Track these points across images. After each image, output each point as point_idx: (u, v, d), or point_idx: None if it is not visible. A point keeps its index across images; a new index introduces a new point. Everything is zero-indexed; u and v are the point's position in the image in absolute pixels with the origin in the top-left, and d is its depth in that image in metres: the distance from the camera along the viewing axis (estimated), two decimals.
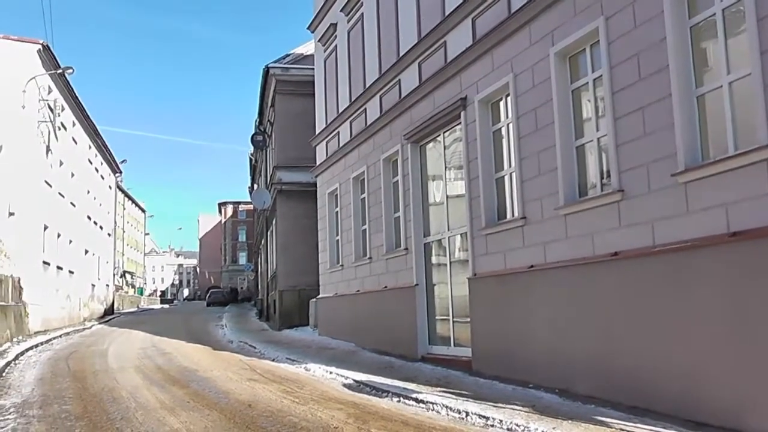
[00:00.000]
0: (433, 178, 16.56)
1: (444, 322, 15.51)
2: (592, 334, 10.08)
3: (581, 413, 8.69)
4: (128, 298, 78.86)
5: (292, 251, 30.75)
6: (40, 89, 32.07)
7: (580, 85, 10.97)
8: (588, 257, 10.23)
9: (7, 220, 26.50)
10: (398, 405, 10.62)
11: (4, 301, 23.09)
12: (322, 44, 24.50)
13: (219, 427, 9.39)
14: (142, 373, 15.95)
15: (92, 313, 45.14)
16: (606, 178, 10.26)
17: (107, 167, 53.58)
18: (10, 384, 14.65)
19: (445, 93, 15.05)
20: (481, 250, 13.37)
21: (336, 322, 22.46)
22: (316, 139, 24.98)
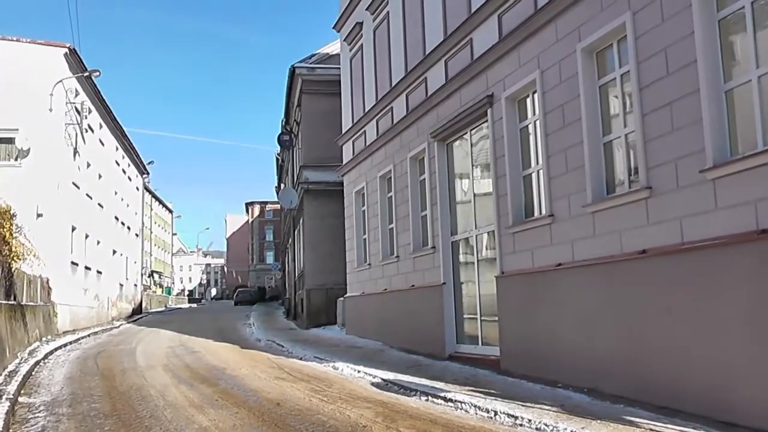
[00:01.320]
0: (460, 176, 16.51)
1: (472, 320, 15.45)
2: (620, 333, 9.99)
3: (610, 413, 8.62)
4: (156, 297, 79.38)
5: (319, 250, 30.81)
6: (67, 92, 32.36)
7: (607, 80, 10.87)
8: (616, 255, 10.14)
9: (36, 221, 26.72)
10: (426, 404, 10.59)
11: (33, 302, 23.29)
12: (348, 43, 24.51)
13: (247, 425, 9.41)
14: (170, 371, 16.03)
15: (120, 312, 45.51)
16: (634, 175, 10.16)
17: (134, 168, 53.92)
18: (39, 383, 14.75)
19: (472, 90, 14.99)
20: (509, 248, 13.31)
21: (363, 321, 22.47)
22: (343, 138, 25.00)
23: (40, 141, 30.26)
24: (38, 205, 28.56)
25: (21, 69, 30.45)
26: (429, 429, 8.66)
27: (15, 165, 29.89)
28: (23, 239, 21.04)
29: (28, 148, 29.99)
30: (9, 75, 30.43)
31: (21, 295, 20.83)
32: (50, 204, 29.87)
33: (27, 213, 23.55)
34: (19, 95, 29.94)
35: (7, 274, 18.32)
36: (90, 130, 36.50)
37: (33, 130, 30.21)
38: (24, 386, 13.64)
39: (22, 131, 30.15)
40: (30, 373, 15.50)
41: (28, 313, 21.36)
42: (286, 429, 9.03)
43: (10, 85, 30.09)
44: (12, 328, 17.28)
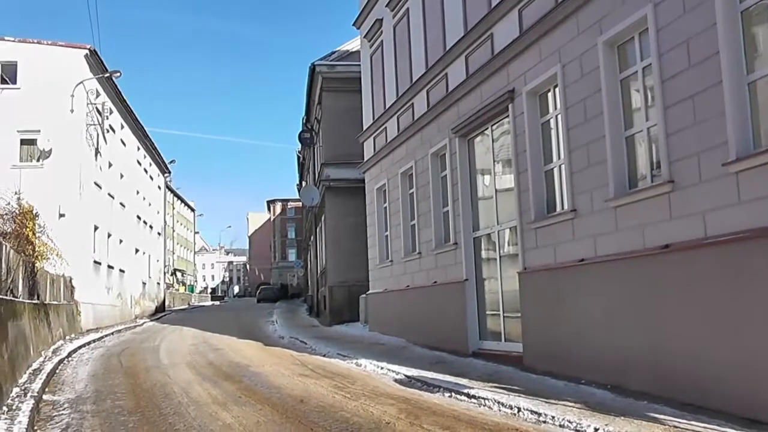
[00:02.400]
0: (482, 171, 16.47)
1: (494, 317, 15.41)
2: (643, 328, 9.90)
3: (634, 410, 8.56)
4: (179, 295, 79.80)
5: (341, 247, 30.87)
6: (88, 93, 32.67)
7: (629, 74, 10.78)
8: (638, 250, 10.05)
9: (58, 221, 26.94)
10: (450, 400, 10.59)
11: (56, 300, 23.49)
12: (368, 40, 24.51)
13: (271, 421, 9.44)
14: (193, 368, 16.12)
15: (143, 310, 45.86)
16: (656, 168, 10.07)
17: (156, 168, 54.26)
18: (63, 380, 14.86)
19: (493, 85, 14.94)
20: (531, 243, 13.25)
21: (386, 318, 22.47)
22: (364, 135, 25.00)
23: (61, 142, 30.57)
24: (60, 205, 28.84)
25: (42, 71, 30.82)
26: (452, 426, 8.64)
27: (37, 166, 30.20)
28: (46, 239, 21.24)
29: (50, 149, 30.28)
30: (30, 77, 30.89)
31: (44, 294, 21.01)
32: (72, 204, 30.20)
33: (49, 213, 23.78)
34: (40, 97, 30.28)
35: (30, 274, 18.48)
36: (111, 131, 36.84)
37: (55, 131, 30.53)
38: (48, 384, 13.74)
39: (44, 132, 30.47)
40: (54, 371, 15.60)
41: (52, 311, 21.55)
42: (309, 426, 9.03)
43: (32, 88, 30.52)
44: (36, 326, 17.43)
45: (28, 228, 19.46)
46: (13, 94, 30.45)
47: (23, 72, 31.12)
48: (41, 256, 20.70)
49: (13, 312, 13.64)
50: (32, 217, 20.22)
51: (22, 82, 31.00)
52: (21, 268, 16.78)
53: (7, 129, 29.73)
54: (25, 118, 30.22)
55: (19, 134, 30.88)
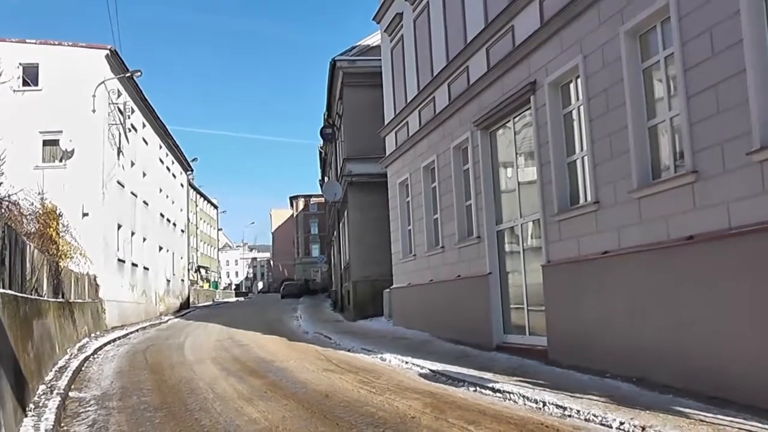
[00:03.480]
0: (504, 164, 16.41)
1: (518, 310, 15.36)
2: (668, 321, 9.81)
3: (659, 403, 8.49)
4: (203, 292, 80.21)
5: (364, 242, 30.86)
6: (109, 93, 32.91)
7: (651, 63, 10.67)
8: (662, 242, 9.96)
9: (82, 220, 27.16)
10: (474, 394, 10.56)
11: (81, 299, 23.69)
12: (389, 34, 24.48)
13: (297, 416, 9.46)
14: (219, 364, 16.20)
15: (168, 307, 46.18)
16: (679, 159, 9.97)
17: (178, 166, 54.53)
18: (89, 377, 15.01)
19: (514, 78, 14.87)
20: (554, 236, 13.18)
21: (410, 312, 22.46)
22: (385, 129, 24.98)
23: (84, 142, 30.86)
24: (83, 205, 29.09)
25: (63, 72, 31.11)
26: (478, 420, 8.61)
27: (59, 166, 30.47)
28: (69, 238, 21.40)
29: (73, 149, 30.56)
30: (52, 78, 31.16)
31: (69, 292, 21.19)
32: (96, 203, 30.50)
33: (73, 212, 23.99)
34: (62, 98, 30.58)
35: (54, 273, 18.64)
36: (133, 130, 37.10)
37: (77, 131, 30.83)
38: (74, 381, 13.87)
39: (66, 133, 30.75)
40: (80, 368, 15.74)
41: (77, 309, 21.75)
42: (335, 421, 9.04)
43: (53, 89, 30.81)
44: (61, 324, 17.58)
45: (52, 228, 19.62)
46: (35, 95, 30.73)
47: (45, 73, 31.38)
48: (65, 255, 20.88)
49: (38, 310, 13.76)
50: (56, 216, 20.38)
51: (43, 83, 31.25)
52: (45, 267, 16.92)
53: (30, 130, 29.94)
54: (47, 119, 30.52)
55: (42, 135, 31.14)
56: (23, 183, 17.81)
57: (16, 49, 30.03)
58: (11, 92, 24.15)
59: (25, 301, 12.19)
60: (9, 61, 21.87)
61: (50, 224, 19.61)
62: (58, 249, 19.95)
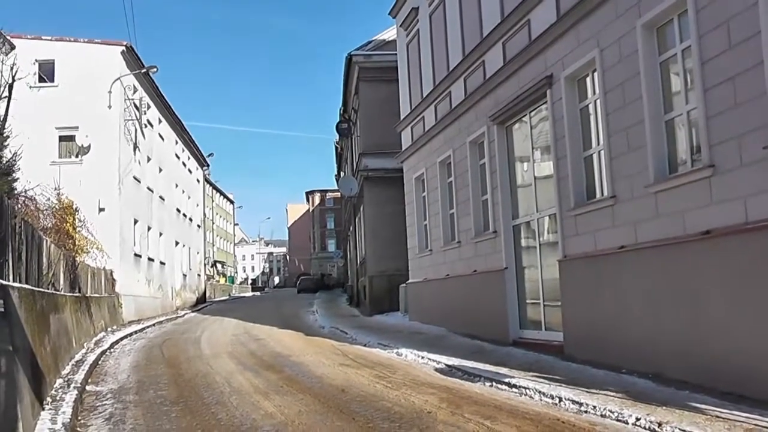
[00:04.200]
0: (520, 159, 16.36)
1: (535, 305, 15.32)
2: (684, 316, 9.76)
3: (675, 399, 8.45)
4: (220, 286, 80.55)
5: (380, 237, 30.88)
6: (125, 89, 33.09)
7: (668, 56, 10.59)
8: (679, 236, 9.89)
9: (98, 215, 27.30)
10: (490, 389, 10.57)
11: (97, 293, 23.81)
12: (404, 29, 24.45)
13: (313, 411, 9.47)
14: (235, 358, 16.24)
15: (184, 302, 46.38)
16: (696, 153, 9.89)
17: (194, 161, 54.62)
18: (106, 371, 15.09)
19: (530, 71, 14.81)
20: (571, 231, 13.13)
21: (426, 307, 22.46)
22: (401, 124, 24.96)
23: (100, 137, 31.03)
24: (100, 200, 29.29)
25: (79, 68, 31.28)
26: (494, 415, 8.60)
27: (76, 162, 30.63)
28: (86, 233, 21.51)
29: (89, 144, 30.73)
30: (68, 75, 31.37)
31: (85, 287, 21.29)
32: (112, 198, 30.70)
33: (89, 208, 24.11)
34: (78, 94, 30.73)
35: (71, 267, 18.74)
36: (149, 125, 37.24)
37: (93, 127, 30.99)
38: (91, 375, 13.95)
39: (82, 129, 30.91)
40: (96, 362, 15.82)
41: (93, 304, 21.87)
42: (351, 415, 9.06)
43: (69, 85, 31.00)
44: (77, 319, 17.69)
45: (68, 223, 19.73)
46: (52, 91, 30.88)
47: (61, 70, 31.56)
48: (81, 249, 21.00)
49: (54, 305, 13.84)
50: (72, 211, 20.49)
51: (59, 79, 31.42)
52: (62, 261, 17.01)
53: (46, 126, 30.10)
54: (64, 115, 30.69)
55: (58, 131, 31.34)
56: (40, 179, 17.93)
57: (32, 45, 30.15)
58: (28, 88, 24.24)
59: (42, 295, 12.26)
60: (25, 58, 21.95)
61: (67, 219, 19.72)
62: (74, 244, 20.06)
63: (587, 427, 7.79)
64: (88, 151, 30.74)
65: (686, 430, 7.06)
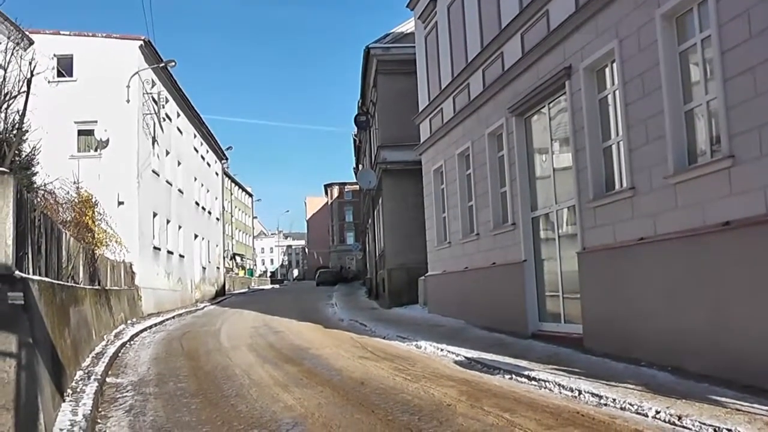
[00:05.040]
0: (539, 150, 16.29)
1: (554, 298, 15.27)
2: (704, 309, 9.68)
3: (695, 392, 8.40)
4: (239, 279, 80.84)
5: (399, 229, 30.86)
6: (143, 83, 33.23)
7: (687, 46, 10.48)
8: (698, 228, 9.81)
9: (117, 209, 27.44)
10: (510, 382, 10.56)
11: (117, 286, 23.94)
12: (422, 21, 24.40)
13: (332, 403, 9.51)
14: (254, 351, 16.32)
15: (204, 294, 46.54)
16: (716, 143, 9.80)
17: (213, 155, 54.77)
18: (126, 363, 15.19)
19: (549, 63, 14.73)
20: (590, 223, 13.07)
21: (445, 300, 22.45)
22: (420, 116, 24.92)
23: (118, 131, 31.14)
24: (119, 193, 29.45)
25: (97, 63, 31.40)
26: (513, 408, 8.60)
27: (95, 155, 30.79)
28: (105, 226, 21.62)
29: (107, 138, 30.86)
30: (86, 69, 31.48)
31: (105, 279, 21.41)
32: (131, 192, 30.85)
33: (108, 201, 24.23)
34: (96, 88, 30.85)
35: (90, 260, 18.84)
36: (168, 119, 37.44)
37: (112, 121, 31.10)
38: (111, 367, 14.03)
39: (101, 123, 30.99)
40: (116, 354, 15.90)
41: (113, 297, 22.02)
42: (370, 408, 9.08)
43: (88, 79, 31.12)
44: (97, 311, 17.81)
45: (88, 216, 19.83)
46: (70, 86, 31.02)
47: (79, 64, 31.70)
48: (101, 242, 21.10)
49: (74, 298, 13.93)
50: (91, 205, 20.61)
51: (78, 74, 31.56)
52: (81, 255, 17.09)
53: (65, 120, 30.21)
54: (82, 110, 30.82)
55: (77, 125, 31.49)
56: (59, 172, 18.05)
57: (50, 40, 30.21)
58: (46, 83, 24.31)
59: (62, 288, 12.34)
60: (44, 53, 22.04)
61: (86, 212, 19.82)
62: (93, 237, 20.15)
63: (607, 420, 7.76)
64: (107, 145, 30.87)
65: (706, 423, 7.02)
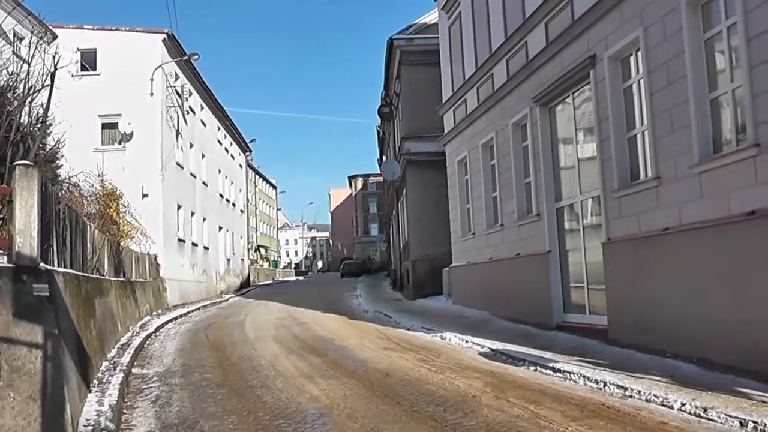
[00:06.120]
0: (563, 140, 16.18)
1: (578, 289, 15.18)
2: (730, 300, 9.58)
3: (721, 384, 8.33)
4: (263, 271, 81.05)
5: (423, 221, 30.83)
6: (167, 76, 33.41)
7: (713, 34, 10.33)
8: (723, 217, 9.70)
9: (142, 201, 27.60)
10: (535, 374, 10.54)
11: (142, 278, 24.13)
12: (446, 12, 24.30)
13: (357, 395, 9.54)
14: (279, 342, 16.39)
15: (228, 286, 46.79)
16: (741, 132, 9.68)
17: (237, 147, 55.02)
18: (151, 354, 15.30)
19: (573, 52, 14.62)
20: (615, 213, 12.97)
21: (469, 291, 22.41)
22: (443, 107, 24.86)
23: (142, 124, 31.34)
24: (143, 186, 29.58)
25: (121, 57, 31.61)
26: (538, 400, 8.59)
27: (119, 149, 31.05)
28: (130, 218, 21.77)
29: (131, 131, 31.09)
30: (110, 63, 31.74)
31: (130, 271, 21.59)
32: (155, 184, 31.06)
33: (133, 194, 24.36)
34: (120, 82, 31.03)
35: (115, 252, 18.98)
36: (191, 112, 37.68)
37: (135, 114, 31.29)
38: (136, 358, 14.14)
39: (125, 116, 31.19)
40: (142, 345, 16.03)
41: (138, 288, 22.21)
42: (395, 399, 9.10)
43: (112, 73, 31.35)
44: (123, 303, 17.98)
45: (112, 208, 19.97)
46: (94, 80, 31.14)
47: (103, 58, 31.93)
48: (126, 235, 21.27)
49: (99, 289, 14.06)
50: (116, 197, 20.75)
51: (102, 68, 31.78)
52: (106, 247, 17.22)
53: (89, 114, 30.31)
54: (106, 103, 30.99)
55: (101, 119, 31.69)
56: (83, 166, 18.22)
57: (74, 35, 30.38)
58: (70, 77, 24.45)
59: (87, 280, 12.44)
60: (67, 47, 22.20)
61: (110, 205, 19.95)
62: (118, 229, 20.28)
63: (632, 412, 7.73)
64: (131, 138, 31.09)
65: (732, 415, 6.98)
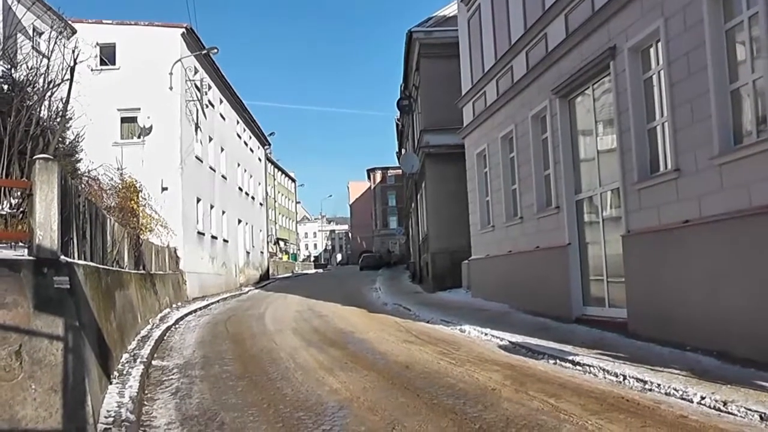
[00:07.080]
0: (583, 132, 16.11)
1: (598, 282, 15.13)
2: (750, 292, 9.52)
3: (740, 378, 8.29)
4: (283, 263, 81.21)
5: (442, 214, 30.80)
6: (186, 70, 33.44)
7: (733, 24, 10.25)
8: (744, 210, 9.63)
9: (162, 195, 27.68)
10: (554, 367, 10.53)
11: (161, 270, 24.23)
12: (465, 4, 24.24)
13: (377, 387, 9.56)
14: (299, 335, 16.42)
15: (248, 279, 46.88)
16: (762, 123, 9.61)
17: (256, 140, 55.05)
18: (171, 346, 15.36)
19: (593, 43, 14.55)
20: (634, 205, 12.91)
21: (488, 284, 22.38)
22: (462, 100, 24.81)
23: (161, 118, 31.45)
24: (162, 179, 29.64)
25: (140, 51, 31.67)
26: (558, 393, 8.58)
27: (138, 142, 31.13)
28: (149, 211, 21.87)
29: (150, 125, 31.24)
30: (129, 57, 31.79)
31: (150, 264, 21.70)
32: (174, 178, 31.11)
33: (152, 187, 24.38)
34: (139, 76, 31.13)
35: (135, 245, 19.08)
36: (210, 106, 37.76)
37: (154, 108, 31.41)
38: (157, 350, 14.20)
39: (144, 110, 31.35)
40: (162, 337, 16.08)
41: (158, 281, 22.32)
42: (415, 392, 9.12)
43: (131, 67, 31.42)
44: (143, 295, 18.08)
45: (132, 201, 20.04)
46: (113, 74, 31.25)
47: (122, 53, 32.00)
48: (145, 228, 21.35)
49: (119, 282, 14.14)
50: (135, 190, 20.82)
51: (121, 62, 31.86)
52: (126, 240, 17.31)
53: (108, 108, 30.35)
54: (125, 97, 31.08)
55: (120, 113, 31.81)
56: (102, 159, 18.33)
57: (93, 29, 30.39)
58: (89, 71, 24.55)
59: (107, 272, 12.51)
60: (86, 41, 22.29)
61: (130, 198, 20.04)
62: (138, 222, 20.36)
63: (651, 405, 7.72)
64: (150, 132, 31.24)
65: (752, 408, 6.95)
